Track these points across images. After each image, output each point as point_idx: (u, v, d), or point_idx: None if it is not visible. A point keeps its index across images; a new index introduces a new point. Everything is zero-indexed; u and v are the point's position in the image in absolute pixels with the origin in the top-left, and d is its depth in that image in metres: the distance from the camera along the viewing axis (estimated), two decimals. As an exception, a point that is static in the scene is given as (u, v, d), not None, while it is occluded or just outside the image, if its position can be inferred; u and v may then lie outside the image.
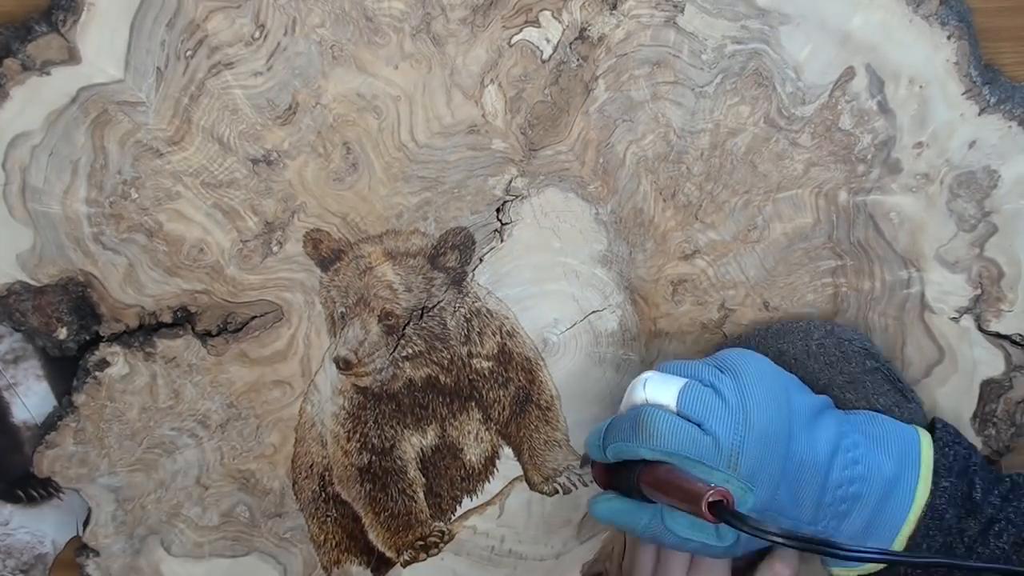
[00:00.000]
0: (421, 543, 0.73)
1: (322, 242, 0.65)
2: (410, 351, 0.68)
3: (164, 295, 0.65)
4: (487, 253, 0.67)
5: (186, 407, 0.68)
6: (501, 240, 0.66)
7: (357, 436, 0.70)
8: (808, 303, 0.67)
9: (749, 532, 0.51)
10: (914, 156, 0.64)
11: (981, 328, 0.67)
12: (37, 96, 0.59)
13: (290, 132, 0.62)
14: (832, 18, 0.61)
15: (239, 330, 0.66)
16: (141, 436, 0.68)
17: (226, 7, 0.59)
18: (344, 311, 0.67)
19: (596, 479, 0.63)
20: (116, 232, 0.63)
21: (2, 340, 0.67)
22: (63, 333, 0.65)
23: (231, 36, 0.59)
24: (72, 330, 0.65)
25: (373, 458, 0.71)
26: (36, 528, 0.73)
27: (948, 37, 0.61)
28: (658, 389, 0.57)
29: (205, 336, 0.66)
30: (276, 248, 0.65)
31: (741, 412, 0.55)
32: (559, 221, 0.66)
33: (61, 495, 0.72)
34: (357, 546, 0.73)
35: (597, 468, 0.62)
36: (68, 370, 0.67)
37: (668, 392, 0.57)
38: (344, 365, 0.67)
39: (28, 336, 0.66)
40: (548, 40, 0.61)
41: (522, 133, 0.64)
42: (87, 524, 0.70)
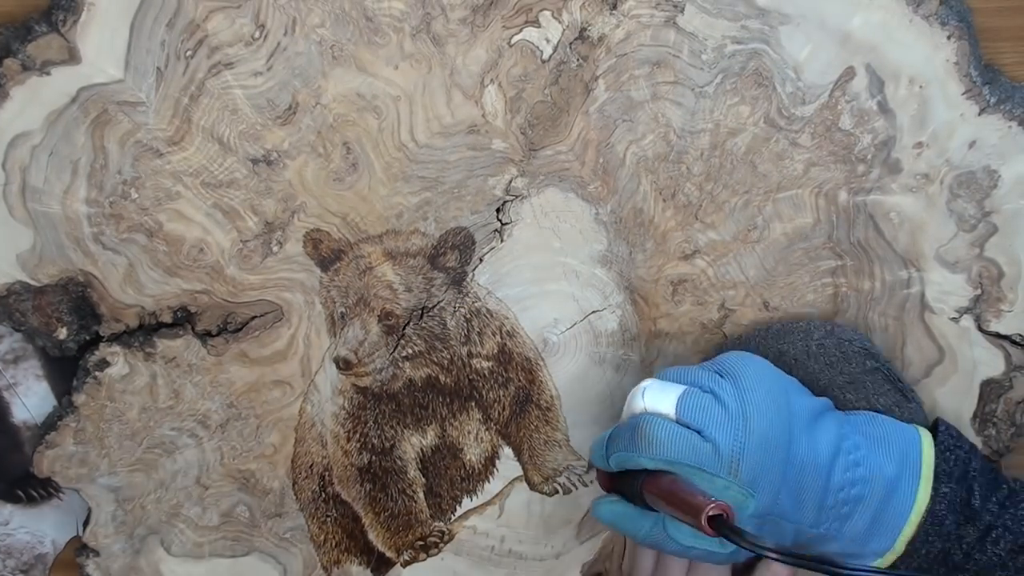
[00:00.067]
0: (421, 543, 0.73)
1: (322, 242, 0.65)
2: (410, 351, 0.68)
3: (164, 295, 0.65)
4: (487, 253, 0.67)
5: (186, 407, 0.68)
6: (501, 240, 0.66)
7: (357, 436, 0.70)
8: (808, 303, 0.67)
9: (747, 548, 0.51)
10: (914, 156, 0.64)
11: (981, 328, 0.67)
12: (37, 96, 0.59)
13: (290, 132, 0.62)
14: (832, 18, 0.61)
15: (239, 330, 0.66)
16: (141, 436, 0.68)
17: (226, 7, 0.59)
18: (344, 311, 0.67)
19: (601, 484, 0.63)
20: (116, 232, 0.63)
21: (2, 340, 0.67)
22: (63, 333, 0.65)
23: (231, 36, 0.59)
24: (72, 330, 0.65)
25: (373, 458, 0.71)
26: (36, 528, 0.73)
27: (948, 37, 0.61)
28: (657, 397, 0.57)
29: (205, 336, 0.66)
30: (276, 248, 0.65)
31: (741, 418, 0.55)
32: (559, 221, 0.66)
33: (61, 495, 0.72)
34: (357, 546, 0.73)
35: (601, 475, 0.62)
36: (68, 370, 0.67)
37: (667, 400, 0.57)
38: (344, 365, 0.67)
39: (28, 336, 0.66)
40: (548, 40, 0.61)
41: (522, 133, 0.64)
42: (87, 524, 0.70)
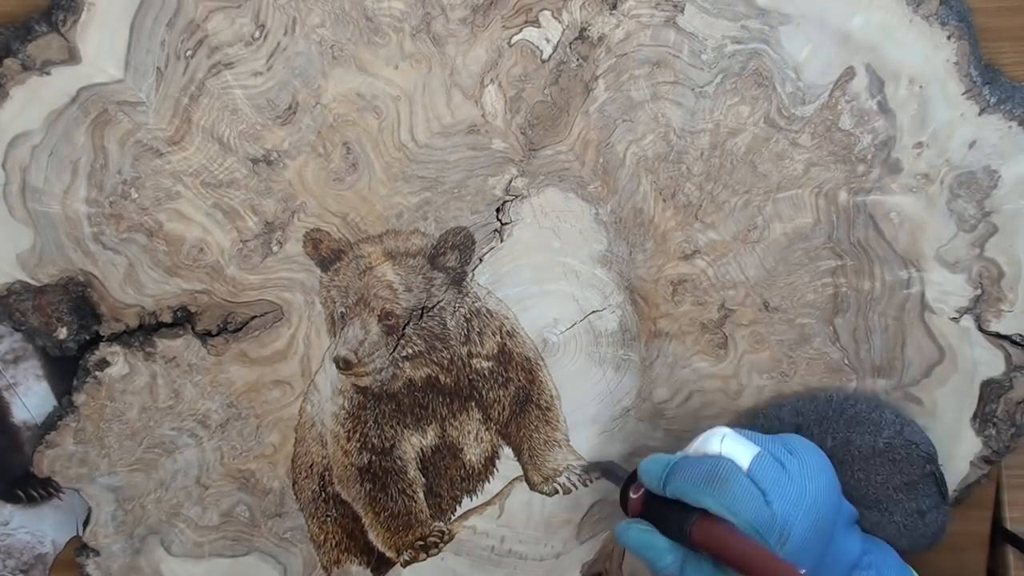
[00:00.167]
0: (421, 543, 0.73)
1: (322, 242, 0.65)
2: (410, 351, 0.68)
3: (164, 295, 0.65)
4: (487, 253, 0.67)
5: (186, 407, 0.68)
6: (501, 240, 0.66)
7: (357, 436, 0.70)
8: (808, 303, 0.67)
9: None
10: (914, 156, 0.64)
11: (981, 328, 0.67)
12: (37, 96, 0.59)
13: (290, 132, 0.62)
14: (832, 18, 0.61)
15: (239, 330, 0.66)
16: (141, 436, 0.68)
17: (226, 7, 0.59)
18: (344, 311, 0.67)
19: (629, 505, 0.62)
20: (116, 232, 0.63)
21: (2, 340, 0.67)
22: (63, 333, 0.65)
23: (231, 36, 0.59)
24: (72, 330, 0.65)
25: (373, 458, 0.71)
26: (36, 528, 0.73)
27: (948, 37, 0.61)
28: (735, 449, 0.58)
29: (205, 336, 0.66)
30: (276, 248, 0.65)
31: (802, 496, 0.57)
32: (559, 221, 0.66)
33: (61, 495, 0.72)
34: (357, 546, 0.73)
35: (638, 499, 0.62)
36: (68, 370, 0.67)
37: (744, 455, 0.58)
38: (344, 365, 0.67)
39: (28, 336, 0.66)
40: (548, 40, 0.61)
41: (522, 133, 0.64)
42: (87, 524, 0.70)
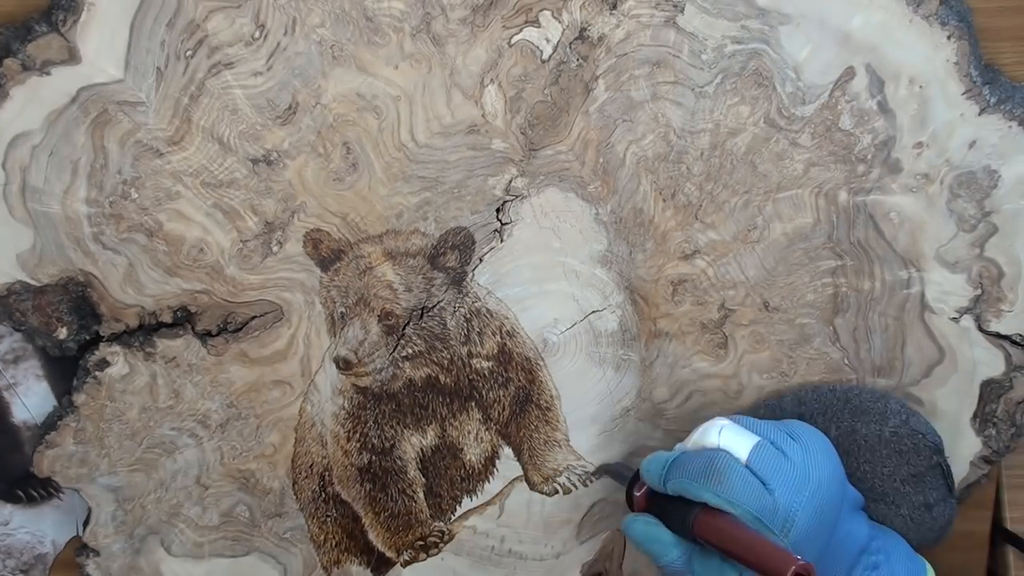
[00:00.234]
0: (421, 543, 0.73)
1: (322, 242, 0.65)
2: (410, 351, 0.68)
3: (164, 295, 0.65)
4: (487, 253, 0.67)
5: (186, 407, 0.68)
6: (501, 240, 0.66)
7: (357, 436, 0.70)
8: (808, 303, 0.67)
9: None
10: (914, 156, 0.64)
11: (981, 328, 0.67)
12: (37, 96, 0.59)
13: (290, 132, 0.62)
14: (832, 18, 0.61)
15: (239, 330, 0.66)
16: (141, 436, 0.68)
17: (226, 7, 0.59)
18: (344, 311, 0.67)
19: (633, 501, 0.62)
20: (116, 232, 0.63)
21: (2, 340, 0.67)
22: (63, 333, 0.65)
23: (231, 36, 0.59)
24: (72, 330, 0.65)
25: (373, 458, 0.71)
26: (36, 528, 0.73)
27: (948, 37, 0.61)
28: (733, 440, 0.58)
29: (205, 336, 0.66)
30: (276, 248, 0.65)
31: (805, 481, 0.56)
32: (559, 221, 0.66)
33: (61, 495, 0.72)
34: (357, 546, 0.73)
35: (642, 495, 0.62)
36: (68, 370, 0.67)
37: (742, 445, 0.57)
38: (344, 365, 0.67)
39: (28, 336, 0.66)
40: (548, 40, 0.61)
41: (522, 133, 0.64)
42: (87, 524, 0.70)
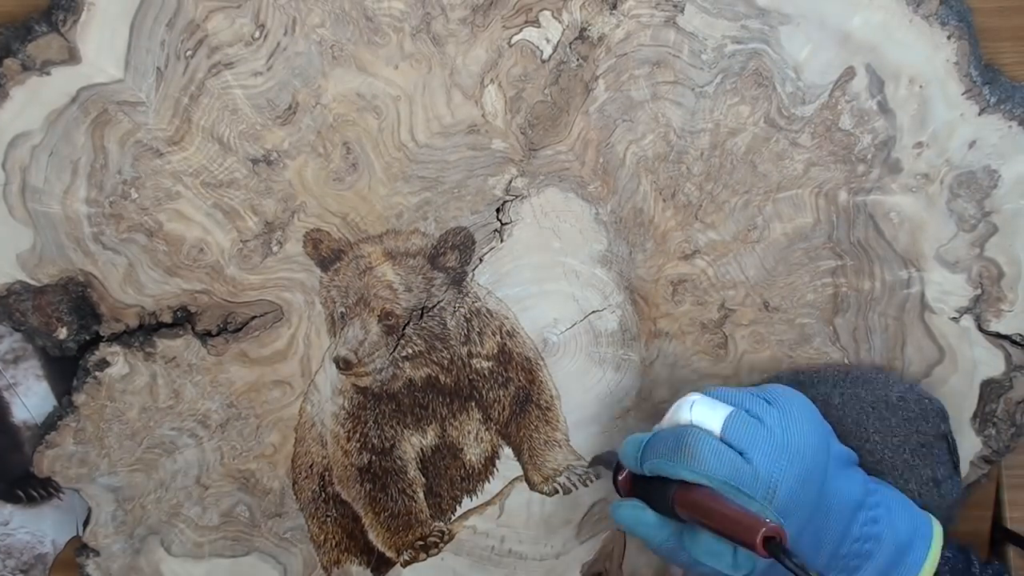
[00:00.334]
0: (421, 543, 0.73)
1: (322, 242, 0.65)
2: (410, 351, 0.68)
3: (164, 295, 0.65)
4: (487, 253, 0.67)
5: (186, 407, 0.68)
6: (501, 240, 0.66)
7: (357, 436, 0.70)
8: (808, 303, 0.67)
9: (795, 572, 0.50)
10: (914, 156, 0.64)
11: (981, 328, 0.67)
12: (37, 96, 0.59)
13: (290, 132, 0.62)
14: (832, 18, 0.61)
15: (239, 330, 0.66)
16: (141, 436, 0.68)
17: (226, 7, 0.59)
18: (344, 311, 0.67)
19: (619, 486, 0.62)
20: (116, 232, 0.63)
21: (2, 340, 0.67)
22: (63, 333, 0.65)
23: (231, 36, 0.59)
24: (72, 330, 0.65)
25: (373, 458, 0.71)
26: (36, 528, 0.73)
27: (948, 37, 0.61)
28: (704, 413, 0.57)
29: (205, 336, 0.66)
30: (276, 248, 0.65)
31: (784, 446, 0.56)
32: (559, 221, 0.66)
33: (61, 495, 0.72)
34: (357, 546, 0.73)
35: (625, 479, 0.62)
36: (68, 370, 0.67)
37: (714, 417, 0.57)
38: (344, 365, 0.67)
39: (28, 336, 0.66)
40: (548, 40, 0.61)
41: (522, 133, 0.64)
42: (87, 524, 0.70)
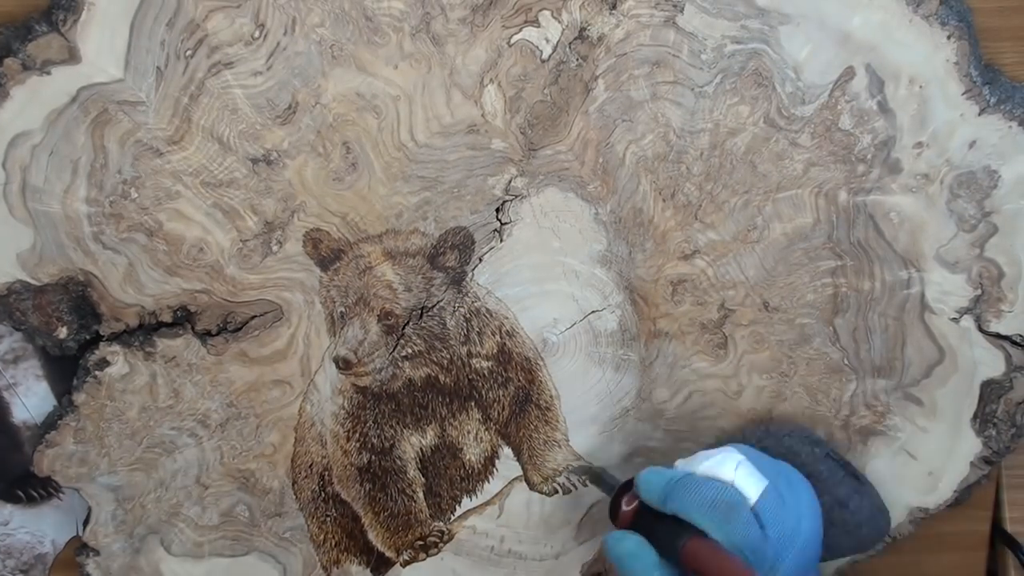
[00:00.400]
0: (421, 543, 0.73)
1: (322, 242, 0.65)
2: (410, 351, 0.68)
3: (164, 294, 0.65)
4: (487, 253, 0.67)
5: (186, 406, 0.68)
6: (501, 240, 0.66)
7: (357, 436, 0.70)
8: (808, 303, 0.67)
9: None
10: (914, 156, 0.64)
11: (981, 328, 0.67)
12: (37, 95, 0.59)
13: (290, 132, 0.62)
14: (832, 18, 0.61)
15: (239, 329, 0.66)
16: (141, 435, 0.68)
17: (226, 7, 0.59)
18: (344, 311, 0.67)
19: (620, 515, 0.62)
20: (116, 231, 0.63)
21: (2, 340, 0.67)
22: (63, 332, 0.65)
23: (231, 36, 0.59)
24: (72, 329, 0.65)
25: (373, 458, 0.71)
26: (36, 528, 0.73)
27: (948, 37, 0.61)
28: (746, 480, 0.60)
29: (205, 335, 0.66)
30: (276, 248, 0.65)
31: (797, 534, 0.60)
32: (559, 221, 0.66)
33: (61, 495, 0.72)
34: (357, 546, 0.73)
35: (632, 508, 0.62)
36: (68, 370, 0.67)
37: (753, 487, 0.60)
38: (344, 365, 0.67)
39: (28, 335, 0.66)
40: (548, 40, 0.61)
41: (522, 133, 0.64)
42: (87, 524, 0.70)
